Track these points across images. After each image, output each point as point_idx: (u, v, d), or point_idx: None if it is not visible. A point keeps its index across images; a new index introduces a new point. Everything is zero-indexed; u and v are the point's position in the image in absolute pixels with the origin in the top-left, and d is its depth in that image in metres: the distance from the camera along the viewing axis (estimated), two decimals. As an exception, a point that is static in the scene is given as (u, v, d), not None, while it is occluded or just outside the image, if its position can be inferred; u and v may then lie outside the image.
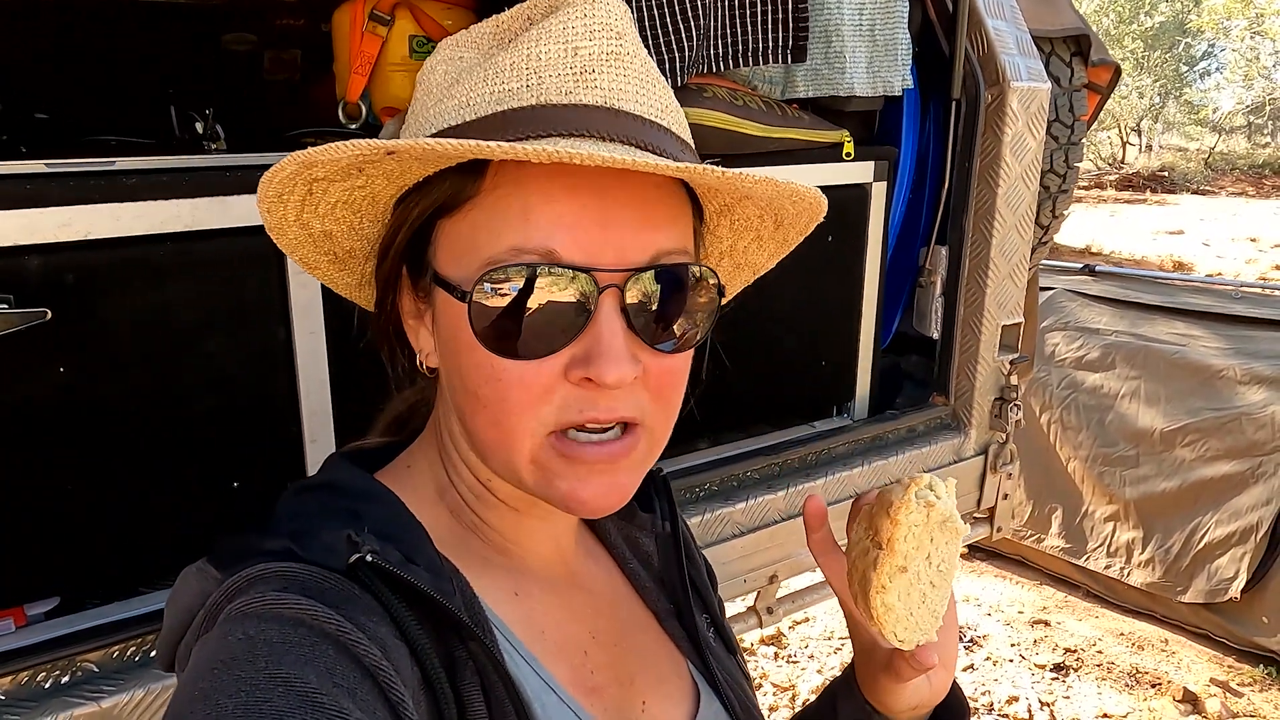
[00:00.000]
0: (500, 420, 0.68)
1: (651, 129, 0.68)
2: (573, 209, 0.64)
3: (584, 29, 0.67)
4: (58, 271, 1.18)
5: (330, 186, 0.71)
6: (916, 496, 0.75)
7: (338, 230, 0.76)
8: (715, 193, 0.77)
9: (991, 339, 2.11)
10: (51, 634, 1.24)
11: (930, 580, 0.77)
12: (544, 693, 0.71)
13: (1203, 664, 4.02)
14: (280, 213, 0.72)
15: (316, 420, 1.42)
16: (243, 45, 2.49)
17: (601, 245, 0.65)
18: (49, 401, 1.21)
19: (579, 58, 0.67)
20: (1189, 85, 18.89)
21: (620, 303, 0.66)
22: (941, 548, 0.77)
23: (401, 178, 0.71)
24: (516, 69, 0.67)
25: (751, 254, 0.87)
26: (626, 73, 0.68)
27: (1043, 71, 2.03)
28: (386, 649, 0.60)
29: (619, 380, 0.65)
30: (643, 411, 0.69)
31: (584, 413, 0.67)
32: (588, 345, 0.65)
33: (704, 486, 1.80)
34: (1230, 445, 4.02)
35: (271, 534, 0.67)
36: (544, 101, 0.66)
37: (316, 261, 0.79)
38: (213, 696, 0.53)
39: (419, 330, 0.75)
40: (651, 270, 0.67)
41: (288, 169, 0.66)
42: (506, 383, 0.66)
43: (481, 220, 0.67)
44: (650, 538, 0.91)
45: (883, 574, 0.75)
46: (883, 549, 0.75)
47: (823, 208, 0.77)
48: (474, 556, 0.75)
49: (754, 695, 0.90)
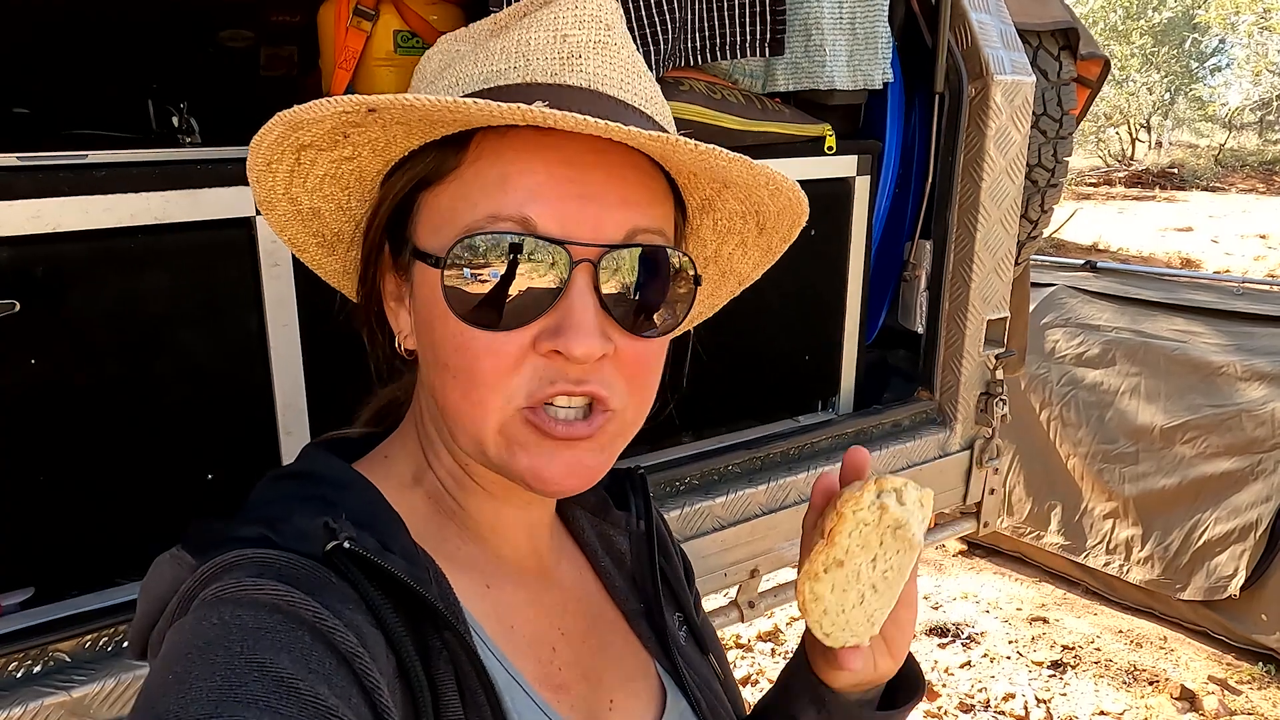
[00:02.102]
0: (469, 392, 0.68)
1: (633, 114, 0.69)
2: (550, 180, 0.65)
3: (574, 19, 0.69)
4: (26, 263, 1.19)
5: (318, 156, 0.71)
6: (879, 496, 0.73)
7: (326, 208, 0.76)
8: (695, 182, 0.77)
9: (977, 333, 2.10)
10: (24, 624, 1.25)
11: (872, 584, 0.75)
12: (511, 687, 0.71)
13: (1201, 661, 4.00)
14: (269, 183, 0.72)
15: (291, 412, 1.42)
16: (239, 42, 2.51)
17: (578, 218, 0.66)
18: (20, 393, 1.22)
19: (567, 44, 0.68)
20: (1199, 81, 18.75)
21: (593, 279, 0.66)
22: (891, 555, 0.74)
23: (388, 150, 0.71)
24: (506, 52, 0.69)
25: (736, 261, 0.88)
26: (613, 61, 0.70)
27: (1027, 64, 2.02)
28: (362, 636, 0.60)
29: (587, 353, 0.65)
30: (613, 392, 0.69)
31: (554, 384, 0.67)
32: (558, 318, 0.66)
33: (684, 480, 1.80)
34: (1230, 442, 3.99)
35: (247, 521, 0.67)
36: (529, 80, 0.68)
37: (305, 244, 0.80)
38: (186, 681, 0.53)
39: (399, 312, 0.76)
40: (627, 249, 0.67)
41: (275, 130, 0.66)
42: (475, 353, 0.67)
43: (460, 191, 0.67)
44: (624, 536, 0.91)
45: (817, 563, 0.73)
46: (823, 539, 0.74)
47: (804, 210, 0.77)
48: (449, 547, 0.75)
49: (726, 695, 0.90)
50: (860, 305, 2.07)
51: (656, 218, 0.71)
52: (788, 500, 1.88)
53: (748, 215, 0.81)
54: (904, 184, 2.15)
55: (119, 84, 1.96)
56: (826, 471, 0.80)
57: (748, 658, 4.11)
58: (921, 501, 0.75)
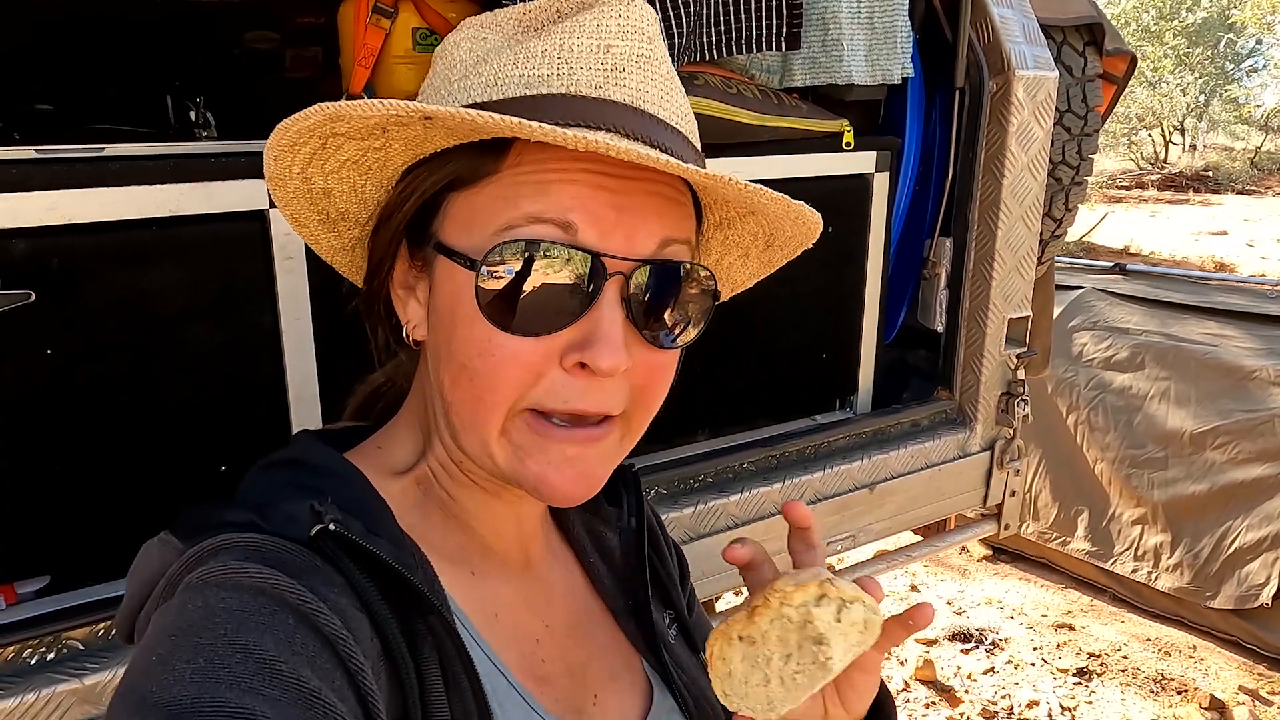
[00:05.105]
0: (484, 396, 0.68)
1: (670, 133, 0.69)
2: (590, 190, 0.66)
3: (618, 29, 0.69)
4: (42, 255, 1.20)
5: (346, 144, 0.71)
6: (818, 602, 0.68)
7: (338, 190, 0.76)
8: (724, 204, 0.78)
9: (998, 332, 2.07)
10: (39, 611, 1.26)
11: (780, 676, 0.70)
12: (494, 676, 0.71)
13: (1231, 671, 3.92)
14: (287, 162, 0.72)
15: (303, 403, 1.43)
16: (265, 44, 2.53)
17: (614, 227, 0.66)
18: (37, 382, 1.23)
19: (611, 55, 0.68)
20: (1234, 82, 18.44)
21: (623, 292, 0.67)
22: (807, 665, 0.69)
23: (422, 145, 0.71)
24: (548, 56, 0.68)
25: (735, 270, 0.88)
26: (654, 77, 0.70)
27: (1050, 60, 1.99)
28: (347, 619, 0.60)
29: (613, 367, 0.65)
30: (624, 406, 0.70)
31: (568, 403, 0.67)
32: (586, 330, 0.66)
33: (699, 478, 1.79)
34: (1262, 448, 3.91)
35: (235, 506, 0.67)
36: (574, 92, 0.67)
37: (307, 219, 0.79)
38: (170, 662, 0.53)
39: (408, 301, 0.75)
40: (657, 264, 0.68)
41: (312, 118, 0.65)
42: (500, 358, 0.66)
43: (499, 193, 0.67)
44: (615, 533, 0.90)
45: (733, 628, 0.71)
46: (746, 610, 0.71)
47: (816, 234, 0.78)
48: (436, 535, 0.75)
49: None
50: (879, 303, 2.05)
51: (685, 230, 0.71)
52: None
53: (759, 235, 0.82)
54: (924, 180, 2.13)
55: (143, 83, 1.99)
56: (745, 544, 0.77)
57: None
58: (864, 626, 0.69)
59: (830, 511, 1.90)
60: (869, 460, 1.96)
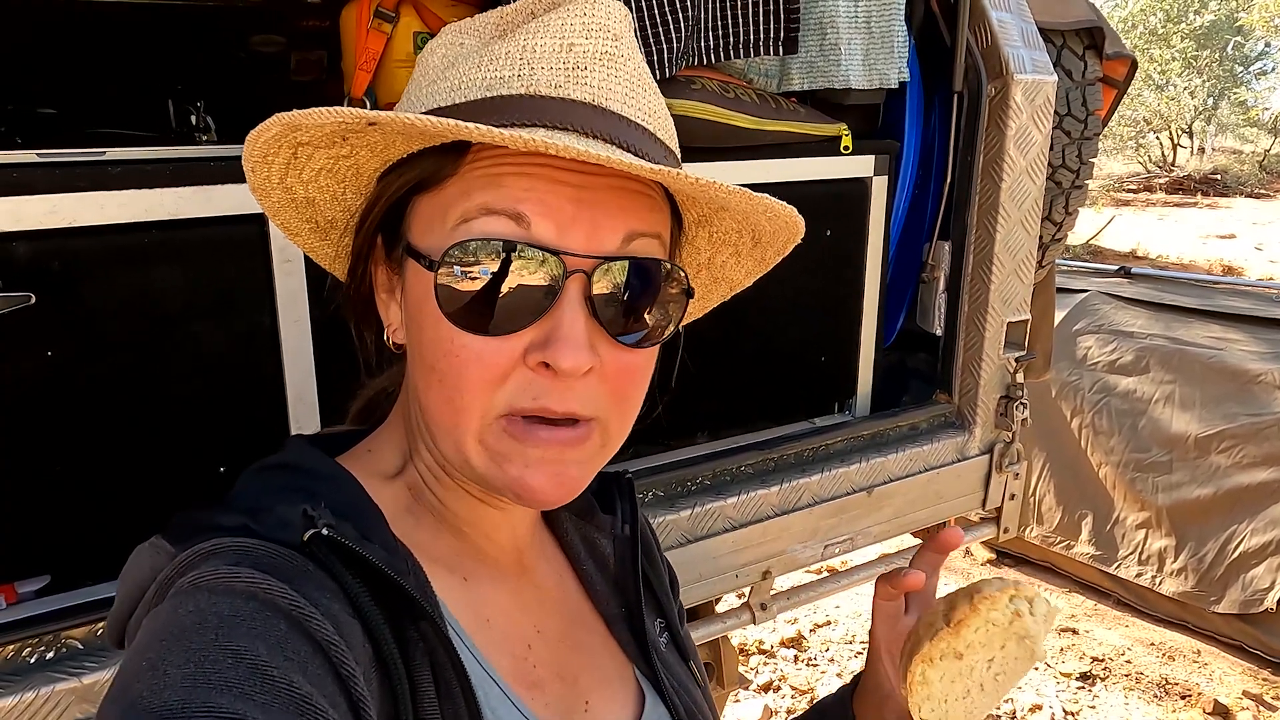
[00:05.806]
0: (453, 398, 0.68)
1: (635, 131, 0.68)
2: (547, 184, 0.65)
3: (582, 26, 0.68)
4: (43, 257, 1.21)
5: (315, 153, 0.71)
6: (1011, 600, 0.77)
7: (321, 198, 0.77)
8: (692, 201, 0.77)
9: (997, 336, 2.07)
10: (38, 610, 1.27)
11: (981, 683, 0.77)
12: (485, 682, 0.71)
13: (1235, 676, 3.90)
14: (264, 173, 0.73)
15: (302, 406, 1.44)
16: (271, 47, 2.55)
17: (572, 222, 0.65)
18: (37, 384, 1.24)
19: (573, 54, 0.67)
20: (1242, 85, 18.36)
21: (585, 290, 0.66)
22: (1010, 661, 0.77)
23: (385, 152, 0.71)
24: (510, 58, 0.68)
25: (729, 269, 0.87)
26: (618, 74, 0.69)
27: (1049, 64, 1.99)
28: (339, 624, 0.60)
29: (574, 367, 0.65)
30: (598, 408, 0.69)
31: (536, 400, 0.67)
32: (548, 329, 0.65)
33: (696, 480, 1.79)
34: (1267, 452, 3.90)
35: (227, 510, 0.67)
36: (532, 92, 0.67)
37: (299, 228, 0.80)
38: (160, 666, 0.53)
39: (390, 304, 0.76)
40: (620, 261, 0.67)
41: (272, 129, 0.66)
42: (464, 359, 0.66)
43: (457, 191, 0.67)
44: (608, 540, 0.90)
45: (936, 649, 0.76)
46: (948, 627, 0.76)
47: (799, 230, 0.77)
48: (427, 540, 0.75)
49: (705, 703, 0.89)
50: (878, 306, 2.05)
51: (654, 222, 0.70)
52: (801, 502, 1.87)
53: (743, 231, 0.81)
54: (923, 184, 2.13)
55: (145, 87, 2.00)
56: (910, 573, 0.85)
57: (770, 663, 4.08)
58: (1048, 616, 0.78)
59: (828, 515, 1.90)
60: (867, 463, 1.96)
